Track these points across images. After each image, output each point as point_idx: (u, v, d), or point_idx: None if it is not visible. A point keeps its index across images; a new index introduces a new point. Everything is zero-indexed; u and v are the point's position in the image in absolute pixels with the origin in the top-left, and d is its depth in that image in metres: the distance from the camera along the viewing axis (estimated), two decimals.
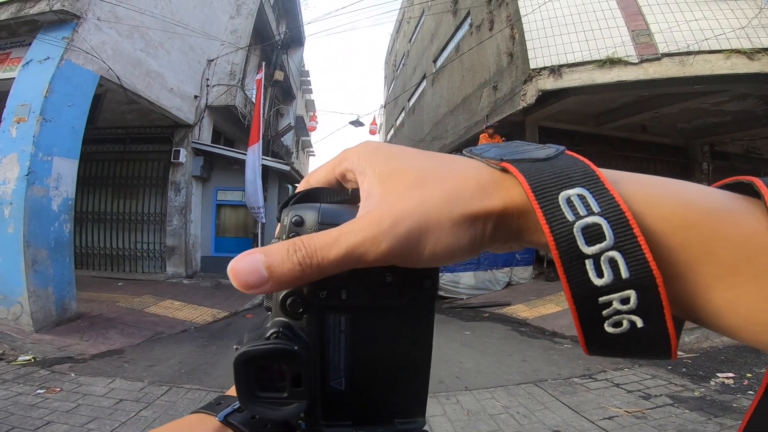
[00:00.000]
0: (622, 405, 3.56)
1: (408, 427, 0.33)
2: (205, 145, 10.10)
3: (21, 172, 5.38)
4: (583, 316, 0.22)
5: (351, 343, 0.31)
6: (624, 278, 0.21)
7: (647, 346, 0.23)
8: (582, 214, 0.22)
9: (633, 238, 0.21)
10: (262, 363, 0.28)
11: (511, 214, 0.25)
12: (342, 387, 0.31)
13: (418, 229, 0.24)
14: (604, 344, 0.23)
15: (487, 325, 6.83)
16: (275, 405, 0.28)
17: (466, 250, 0.25)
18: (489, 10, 10.95)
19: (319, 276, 0.26)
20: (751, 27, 7.94)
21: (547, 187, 0.23)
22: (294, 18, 16.93)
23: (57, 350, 4.83)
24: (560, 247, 0.22)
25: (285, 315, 0.29)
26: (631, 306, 0.21)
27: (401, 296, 0.30)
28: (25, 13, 5.80)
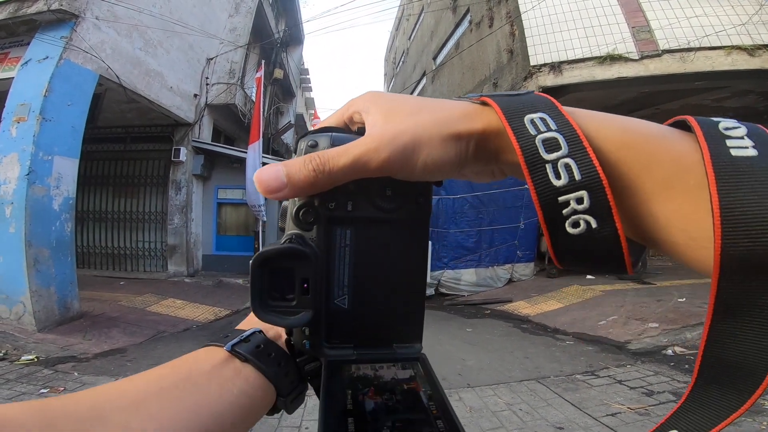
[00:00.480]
0: (624, 401, 3.57)
1: (406, 351, 0.35)
2: (206, 143, 10.08)
3: (21, 172, 5.37)
4: (547, 214, 0.26)
5: (354, 259, 0.34)
6: (577, 180, 0.25)
7: (603, 251, 0.26)
8: (542, 131, 0.27)
9: (583, 149, 0.26)
10: (276, 266, 0.31)
11: (488, 135, 0.30)
12: (345, 305, 0.34)
13: (413, 143, 0.29)
14: (568, 247, 0.27)
15: (489, 322, 6.82)
16: (284, 314, 0.31)
17: (454, 164, 0.30)
18: (489, 6, 10.92)
19: (329, 183, 0.30)
20: (751, 23, 7.93)
21: (515, 112, 0.28)
22: (293, 16, 16.88)
23: (60, 349, 4.83)
24: (525, 153, 0.26)
25: (297, 226, 0.33)
26: (585, 206, 0.25)
27: (399, 209, 0.34)
28: (23, 12, 5.78)
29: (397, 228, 0.34)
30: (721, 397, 0.24)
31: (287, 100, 17.77)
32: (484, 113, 0.30)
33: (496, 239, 8.93)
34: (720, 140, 0.24)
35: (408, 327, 0.36)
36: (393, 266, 0.35)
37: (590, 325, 5.93)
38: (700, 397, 0.25)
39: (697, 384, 0.25)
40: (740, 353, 0.23)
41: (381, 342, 0.35)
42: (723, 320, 0.23)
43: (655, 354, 4.75)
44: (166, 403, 0.31)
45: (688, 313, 5.67)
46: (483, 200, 8.73)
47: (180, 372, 0.35)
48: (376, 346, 0.35)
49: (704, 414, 0.25)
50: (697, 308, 5.79)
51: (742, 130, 0.25)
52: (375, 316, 0.35)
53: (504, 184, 8.88)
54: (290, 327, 0.34)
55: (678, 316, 5.60)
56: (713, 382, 0.25)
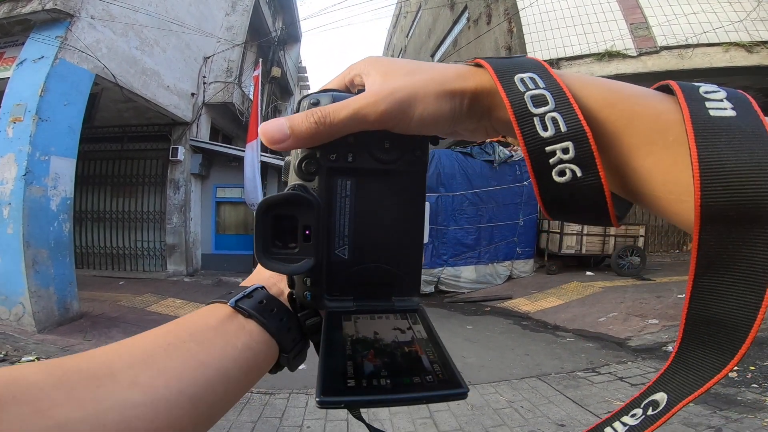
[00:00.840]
0: (626, 398, 3.50)
1: (404, 304, 0.37)
2: (204, 142, 10.04)
3: (18, 172, 5.34)
4: (535, 163, 0.28)
5: (355, 209, 0.35)
6: (563, 131, 0.27)
7: (588, 200, 0.28)
8: (531, 88, 0.29)
9: (569, 104, 0.27)
10: (280, 212, 0.32)
11: (481, 94, 0.31)
12: (345, 255, 0.35)
13: (409, 98, 0.31)
14: (554, 195, 0.28)
15: (489, 319, 6.83)
16: (286, 261, 0.32)
17: (448, 119, 0.32)
18: (486, 3, 10.90)
19: (330, 135, 0.32)
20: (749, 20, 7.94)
21: (506, 71, 0.30)
22: (290, 14, 16.82)
23: (60, 350, 4.82)
24: (514, 108, 0.28)
25: (299, 177, 0.34)
26: (571, 155, 0.27)
27: (397, 160, 0.35)
28: (17, 12, 5.73)
29: (395, 179, 0.36)
30: (705, 357, 0.25)
31: (285, 99, 17.72)
32: (477, 74, 0.32)
33: (496, 236, 8.94)
34: (700, 102, 0.26)
35: (406, 279, 0.37)
36: (392, 217, 0.36)
37: (590, 322, 5.94)
38: (685, 358, 0.26)
39: (682, 344, 0.26)
40: (722, 309, 0.24)
41: (380, 294, 0.37)
42: (705, 274, 0.24)
43: (656, 350, 4.76)
44: (173, 358, 0.31)
45: None
46: (482, 197, 8.72)
47: (186, 328, 0.35)
48: (376, 299, 0.36)
49: (690, 375, 0.26)
50: None
51: (722, 93, 0.26)
52: (374, 267, 0.36)
53: (503, 181, 8.90)
54: (293, 274, 0.34)
55: (678, 312, 5.60)
56: (698, 341, 0.26)
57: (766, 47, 7.72)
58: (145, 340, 0.33)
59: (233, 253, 10.64)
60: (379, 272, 0.36)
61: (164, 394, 0.29)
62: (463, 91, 0.31)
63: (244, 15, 11.34)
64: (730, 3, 8.21)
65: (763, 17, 7.87)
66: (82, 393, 0.26)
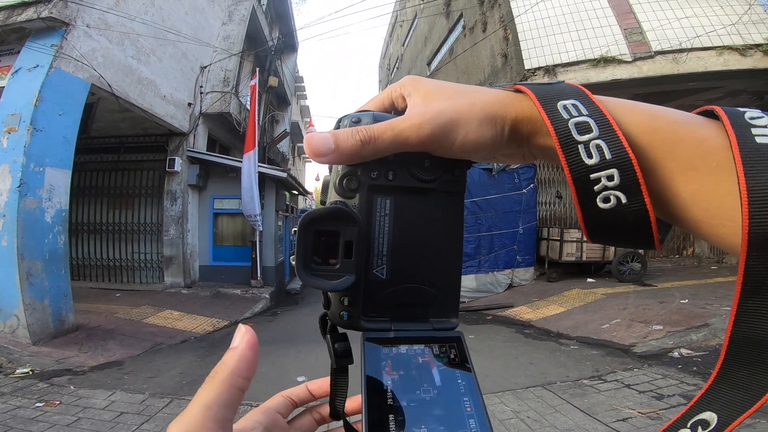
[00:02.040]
0: (635, 406, 3.50)
1: (443, 326, 0.36)
2: (201, 153, 10.00)
3: (13, 184, 5.28)
4: (579, 190, 0.28)
5: (394, 228, 0.34)
6: (608, 159, 0.27)
7: (633, 225, 0.28)
8: (575, 115, 0.29)
9: (613, 131, 0.28)
10: (322, 227, 0.31)
11: (522, 120, 0.31)
12: (383, 275, 0.35)
13: (452, 122, 0.31)
14: (598, 221, 0.28)
15: (491, 328, 6.76)
16: (327, 277, 0.32)
17: (489, 145, 0.32)
18: (482, 11, 10.96)
19: (373, 154, 0.32)
20: (741, 23, 8.01)
21: (549, 98, 0.30)
22: (287, 23, 16.92)
23: (55, 362, 4.75)
24: (559, 135, 0.28)
25: (340, 194, 0.34)
26: (616, 182, 0.27)
27: (437, 179, 0.35)
28: (12, 20, 5.70)
29: (434, 198, 0.35)
30: (753, 377, 0.25)
31: (282, 108, 17.74)
32: (517, 100, 0.32)
33: (496, 244, 8.91)
34: (746, 128, 0.26)
35: (445, 300, 0.36)
36: (431, 236, 0.35)
37: (594, 329, 5.88)
38: (730, 377, 0.26)
39: (725, 364, 0.26)
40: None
41: (418, 315, 0.36)
42: (750, 298, 0.24)
43: (662, 357, 4.70)
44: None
45: (691, 314, 5.63)
46: (481, 206, 8.71)
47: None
48: (413, 320, 0.35)
49: (737, 394, 0.25)
50: (701, 309, 5.76)
51: (766, 119, 0.26)
52: (413, 288, 0.35)
53: (502, 189, 8.88)
54: (334, 290, 0.34)
55: (682, 318, 5.56)
56: (742, 361, 0.25)
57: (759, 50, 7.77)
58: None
59: (231, 265, 10.56)
60: (417, 293, 0.36)
61: None
62: (504, 117, 0.32)
63: (241, 24, 11.39)
64: (722, 6, 8.28)
65: (755, 20, 7.94)
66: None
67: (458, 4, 12.59)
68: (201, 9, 10.04)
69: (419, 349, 0.33)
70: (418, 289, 0.35)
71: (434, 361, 0.33)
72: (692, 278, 8.08)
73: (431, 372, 0.32)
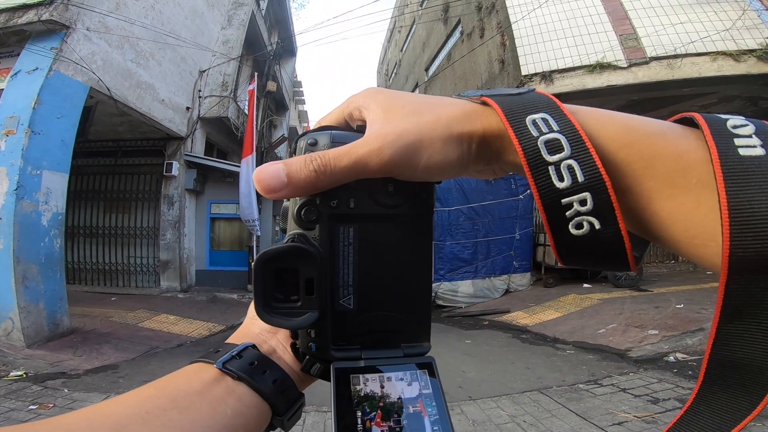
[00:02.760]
0: (630, 410, 3.51)
1: (414, 351, 0.35)
2: (198, 157, 10.00)
3: (10, 187, 5.28)
4: (550, 216, 0.26)
5: (359, 257, 0.33)
6: (580, 182, 0.25)
7: (607, 251, 0.26)
8: (545, 131, 0.27)
9: (586, 150, 0.26)
10: (280, 265, 0.30)
11: (489, 136, 0.30)
12: (350, 305, 0.33)
13: (414, 144, 0.29)
14: (571, 248, 0.27)
15: (488, 333, 6.76)
16: (289, 315, 0.31)
17: (456, 165, 0.30)
18: (479, 17, 11.04)
19: (330, 183, 0.30)
20: (735, 29, 8.07)
21: (516, 112, 0.28)
22: (286, 28, 16.98)
23: (49, 366, 4.73)
24: (527, 156, 0.26)
25: (300, 225, 0.32)
26: (589, 207, 0.25)
27: (402, 204, 0.33)
28: (13, 23, 5.73)
29: (400, 224, 0.34)
30: (730, 400, 0.24)
31: (280, 113, 17.77)
32: (484, 114, 0.30)
33: (492, 250, 8.93)
34: (728, 139, 0.24)
35: (415, 325, 0.35)
36: (398, 263, 0.34)
37: (590, 334, 5.89)
38: (708, 400, 0.25)
39: (703, 386, 0.25)
40: (748, 355, 0.23)
41: (388, 342, 0.35)
42: (730, 322, 0.23)
43: (657, 361, 4.71)
44: (152, 429, 0.28)
45: (687, 319, 5.65)
46: (478, 212, 8.73)
47: (166, 393, 0.32)
48: (384, 347, 0.34)
49: (715, 417, 0.24)
50: (696, 314, 5.78)
51: (750, 128, 0.24)
52: (381, 315, 0.34)
53: (499, 195, 8.91)
54: (296, 328, 0.34)
55: (677, 323, 5.58)
56: (721, 384, 0.24)
57: (753, 55, 7.83)
58: (118, 407, 0.30)
59: (228, 270, 10.54)
60: (386, 320, 0.35)
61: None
62: (471, 134, 0.30)
63: (240, 29, 11.42)
64: (716, 12, 8.35)
65: (748, 25, 8.00)
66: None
67: (456, 11, 12.67)
68: (201, 13, 10.08)
69: (390, 377, 0.32)
70: (387, 316, 0.35)
71: (404, 388, 0.32)
72: (688, 283, 8.10)
73: (402, 399, 0.31)
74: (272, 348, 0.39)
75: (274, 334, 0.40)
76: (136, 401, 0.30)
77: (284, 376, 0.37)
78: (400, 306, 0.35)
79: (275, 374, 0.36)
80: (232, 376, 0.34)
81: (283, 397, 0.36)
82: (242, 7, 11.75)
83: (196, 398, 0.32)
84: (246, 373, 0.34)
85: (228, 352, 0.36)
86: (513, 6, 9.46)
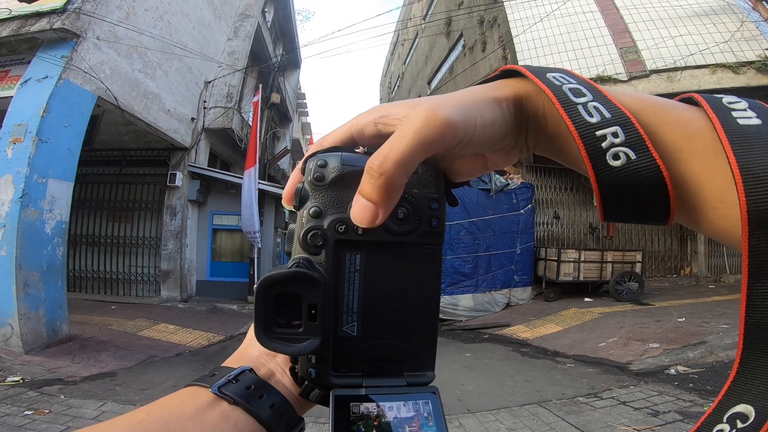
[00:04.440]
0: (630, 423, 3.47)
1: (417, 380, 0.34)
2: (202, 168, 10.07)
3: (15, 195, 5.31)
4: (589, 147, 0.27)
5: (364, 284, 0.32)
6: (608, 117, 0.27)
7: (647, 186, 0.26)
8: (565, 83, 0.29)
9: (604, 96, 0.28)
10: (283, 290, 0.30)
11: (521, 99, 0.31)
12: (354, 332, 0.33)
13: (465, 104, 0.29)
14: (612, 183, 0.27)
15: (488, 346, 6.72)
16: (289, 341, 0.30)
17: (503, 126, 0.30)
18: (481, 31, 11.18)
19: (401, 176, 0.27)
20: (734, 41, 8.13)
21: (537, 71, 0.30)
22: (290, 40, 17.18)
23: (47, 372, 4.72)
24: (558, 97, 0.28)
25: (305, 250, 0.32)
26: (622, 139, 0.26)
27: (412, 232, 0.32)
28: (25, 30, 5.82)
29: (409, 252, 0.33)
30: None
31: (284, 125, 17.92)
32: (509, 82, 0.31)
33: (493, 264, 8.91)
34: (726, 112, 0.26)
35: (420, 355, 0.35)
36: (405, 292, 0.34)
37: (590, 347, 5.85)
38: (754, 365, 0.24)
39: (745, 353, 0.24)
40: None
41: (391, 371, 0.34)
42: (759, 281, 0.23)
43: (658, 374, 4.68)
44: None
45: (688, 332, 5.61)
46: (479, 226, 8.74)
47: (158, 418, 0.31)
48: (387, 376, 0.33)
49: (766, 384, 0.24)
50: (698, 327, 5.74)
51: (744, 103, 0.27)
52: (385, 344, 0.34)
53: (500, 209, 8.93)
54: (296, 355, 0.33)
55: (678, 336, 5.54)
56: (763, 348, 0.24)
57: (752, 67, 7.88)
58: (110, 431, 0.30)
59: (228, 280, 10.54)
60: (390, 348, 0.34)
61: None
62: (506, 97, 0.30)
63: (246, 40, 11.55)
64: (715, 24, 8.43)
65: (747, 37, 8.06)
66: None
67: (459, 24, 12.84)
68: (208, 24, 10.21)
69: (391, 406, 0.32)
70: (391, 345, 0.34)
71: (401, 407, 0.32)
72: (689, 297, 8.06)
73: (398, 419, 0.31)
74: (270, 371, 0.38)
75: (273, 356, 0.39)
76: (125, 426, 0.30)
77: (283, 401, 0.36)
78: (405, 335, 0.34)
79: (273, 398, 0.35)
80: (227, 400, 0.33)
81: (282, 422, 0.35)
82: (248, 19, 11.90)
83: (188, 423, 0.31)
84: (242, 397, 0.34)
85: (224, 376, 0.35)
86: (514, 20, 9.59)
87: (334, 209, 0.32)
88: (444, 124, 0.27)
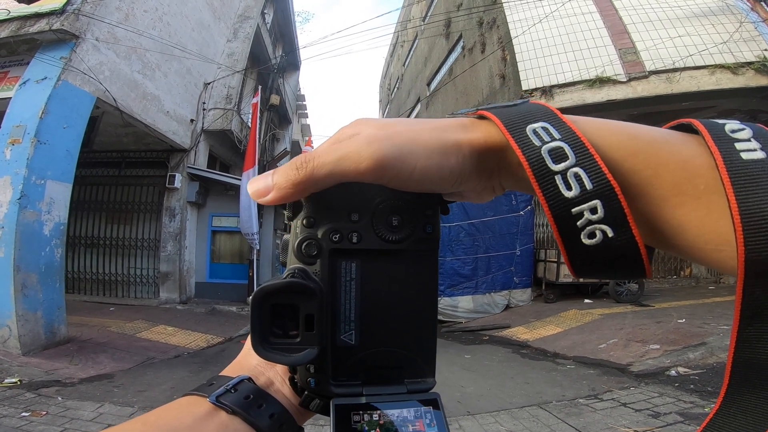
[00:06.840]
0: (630, 424, 3.46)
1: (418, 387, 0.33)
2: (201, 170, 10.06)
3: (13, 196, 5.30)
4: (561, 227, 0.26)
5: (361, 292, 0.32)
6: (589, 189, 0.25)
7: (623, 260, 0.26)
8: (547, 140, 0.26)
9: (591, 157, 0.25)
10: (279, 301, 0.29)
11: (489, 148, 0.29)
12: (352, 341, 0.33)
13: (409, 144, 0.27)
14: (585, 258, 0.26)
15: (487, 348, 6.71)
16: (287, 351, 0.30)
17: (454, 174, 0.29)
18: (480, 32, 11.19)
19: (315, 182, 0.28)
20: (732, 41, 8.13)
21: (515, 123, 0.27)
22: (290, 42, 17.18)
23: (44, 373, 4.70)
24: (533, 166, 0.26)
25: (300, 260, 0.32)
26: (600, 215, 0.25)
27: (406, 239, 0.32)
28: (24, 31, 5.82)
29: (405, 259, 0.33)
30: (760, 400, 0.24)
31: (283, 127, 17.91)
32: (482, 125, 0.30)
33: (493, 266, 8.90)
34: (729, 144, 0.24)
35: (419, 361, 0.34)
36: (402, 299, 0.34)
37: (591, 349, 5.83)
38: (736, 401, 0.25)
39: (731, 388, 0.25)
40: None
41: (391, 378, 0.34)
42: (751, 324, 0.23)
43: (659, 375, 4.66)
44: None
45: (689, 333, 5.60)
46: (479, 227, 8.74)
47: (155, 428, 0.31)
48: (386, 383, 0.33)
49: (747, 418, 0.24)
50: (698, 328, 5.72)
51: (748, 131, 0.25)
52: (384, 351, 0.34)
53: (499, 211, 8.92)
54: (294, 365, 0.33)
55: (679, 337, 5.53)
56: (748, 385, 0.24)
57: (751, 68, 7.87)
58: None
59: (227, 282, 10.54)
60: (389, 356, 0.34)
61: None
62: (470, 143, 0.29)
63: (245, 42, 11.55)
64: (713, 25, 8.43)
65: (746, 38, 8.07)
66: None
67: (458, 26, 12.86)
68: (207, 26, 10.21)
69: (393, 413, 0.31)
70: (390, 353, 0.34)
71: (408, 426, 0.31)
72: (690, 298, 8.04)
73: (401, 418, 0.31)
74: (270, 380, 0.38)
75: (272, 366, 0.38)
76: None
77: (282, 410, 0.35)
78: (404, 342, 0.34)
79: (272, 408, 0.35)
80: (226, 410, 0.33)
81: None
82: (248, 20, 11.91)
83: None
84: (241, 407, 0.33)
85: (222, 386, 0.35)
86: (514, 21, 9.60)
87: (327, 219, 0.32)
88: (376, 159, 0.27)
